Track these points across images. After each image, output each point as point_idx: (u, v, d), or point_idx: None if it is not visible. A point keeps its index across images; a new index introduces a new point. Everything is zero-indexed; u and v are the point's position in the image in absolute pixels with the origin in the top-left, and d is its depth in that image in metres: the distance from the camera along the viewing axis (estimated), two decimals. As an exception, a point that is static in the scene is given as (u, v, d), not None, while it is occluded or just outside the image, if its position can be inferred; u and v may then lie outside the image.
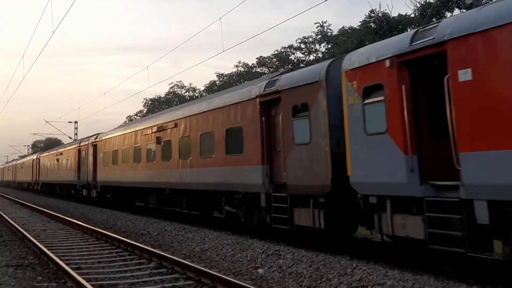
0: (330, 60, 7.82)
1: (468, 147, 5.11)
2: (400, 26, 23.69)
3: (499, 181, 4.76)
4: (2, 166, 72.31)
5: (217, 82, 41.44)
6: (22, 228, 11.60)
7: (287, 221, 7.99)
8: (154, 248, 8.12)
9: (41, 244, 8.76)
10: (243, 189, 9.33)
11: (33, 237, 9.85)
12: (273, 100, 8.61)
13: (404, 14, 24.85)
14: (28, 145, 72.63)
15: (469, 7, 8.93)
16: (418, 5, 24.62)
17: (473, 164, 5.04)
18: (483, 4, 6.07)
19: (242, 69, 39.55)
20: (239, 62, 40.23)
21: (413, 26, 22.72)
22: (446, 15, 21.85)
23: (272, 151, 8.67)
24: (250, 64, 39.14)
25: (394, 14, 25.58)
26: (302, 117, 7.80)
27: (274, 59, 37.40)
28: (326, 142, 7.22)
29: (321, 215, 7.25)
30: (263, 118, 8.77)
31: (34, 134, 50.30)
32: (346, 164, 6.75)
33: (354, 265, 6.20)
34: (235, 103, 9.79)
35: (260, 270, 6.59)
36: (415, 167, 5.75)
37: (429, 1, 23.76)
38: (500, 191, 4.74)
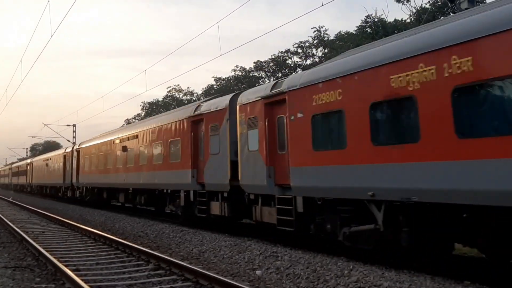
0: (232, 94, 10.68)
1: (293, 163, 7.94)
2: (396, 31, 23.94)
3: (305, 185, 7.69)
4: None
5: (215, 86, 41.54)
6: (20, 230, 11.60)
7: (205, 211, 11.01)
8: (152, 250, 8.16)
9: (40, 245, 8.78)
10: (181, 188, 12.16)
11: (31, 238, 9.87)
12: (199, 120, 11.54)
13: (400, 19, 25.16)
14: (27, 148, 72.35)
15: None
16: (414, 10, 24.94)
17: (295, 173, 7.91)
18: (477, 8, 6.21)
19: (240, 73, 39.68)
20: (237, 66, 40.32)
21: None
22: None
23: (199, 159, 11.50)
24: (247, 68, 39.29)
25: (390, 19, 25.92)
26: (215, 134, 10.71)
27: (271, 63, 37.56)
28: (227, 153, 10.08)
29: (226, 206, 10.23)
30: (192, 134, 11.71)
31: (32, 137, 50.11)
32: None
33: (351, 267, 6.26)
34: (175, 121, 12.74)
35: (258, 272, 6.65)
36: (271, 174, 8.62)
37: (424, 6, 24.07)
38: (307, 191, 7.69)
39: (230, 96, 10.56)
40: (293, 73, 11.24)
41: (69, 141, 36.25)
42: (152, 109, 46.67)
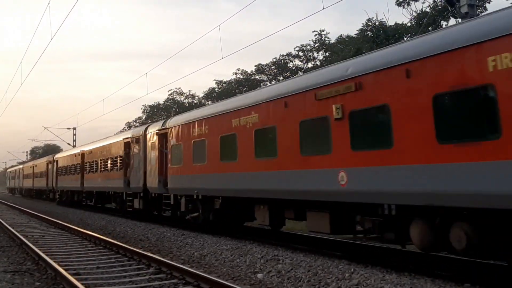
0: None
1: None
2: (396, 35, 24.02)
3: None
4: None
5: (216, 89, 41.62)
6: (20, 234, 11.55)
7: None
8: (153, 254, 8.13)
9: (39, 249, 8.73)
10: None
11: (31, 242, 9.82)
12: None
13: (400, 23, 25.26)
14: (27, 152, 72.39)
15: (464, 16, 9.14)
16: (415, 14, 25.04)
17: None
18: (478, 15, 6.29)
19: (241, 76, 39.78)
20: (238, 69, 40.47)
21: (409, 34, 23.05)
22: (442, 24, 22.19)
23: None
24: (249, 72, 39.39)
25: (390, 22, 26.00)
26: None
27: (272, 67, 37.68)
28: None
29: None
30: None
31: (32, 140, 50.11)
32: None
33: (352, 270, 6.25)
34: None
35: (259, 275, 6.62)
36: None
37: (425, 10, 24.16)
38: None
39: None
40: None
41: (69, 144, 36.27)
42: (153, 112, 46.67)
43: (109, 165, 18.12)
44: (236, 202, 9.96)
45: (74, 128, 36.86)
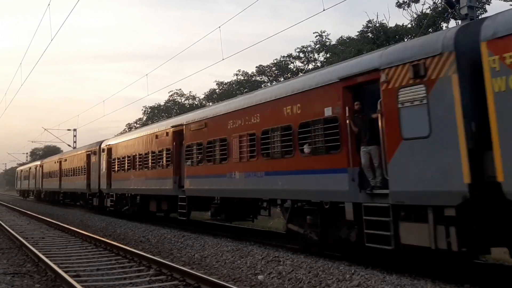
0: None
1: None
2: (397, 36, 24.03)
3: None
4: None
5: (217, 91, 41.61)
6: (20, 235, 11.53)
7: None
8: (153, 255, 8.10)
9: (39, 251, 8.72)
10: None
11: (31, 244, 9.80)
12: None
13: (401, 24, 25.26)
14: (27, 153, 72.34)
15: (464, 17, 9.15)
16: (415, 15, 25.05)
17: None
18: (478, 16, 6.44)
19: (242, 78, 39.79)
20: (239, 70, 40.48)
21: (410, 36, 23.07)
22: (442, 26, 22.19)
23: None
24: (249, 73, 39.40)
25: (391, 24, 26.00)
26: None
27: (273, 68, 37.69)
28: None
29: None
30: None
31: (32, 141, 50.01)
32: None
33: (353, 271, 6.23)
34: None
35: (260, 277, 6.59)
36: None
37: (425, 12, 24.17)
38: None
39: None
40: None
41: (69, 145, 36.24)
42: (154, 113, 46.64)
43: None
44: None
45: (75, 130, 36.87)
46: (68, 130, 37.24)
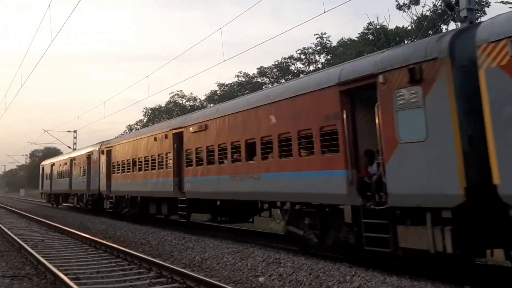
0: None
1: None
2: (397, 38, 24.04)
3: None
4: None
5: (218, 92, 41.61)
6: (19, 238, 11.48)
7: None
8: (153, 258, 8.07)
9: (39, 254, 8.66)
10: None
11: (30, 247, 9.75)
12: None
13: (401, 26, 25.29)
14: (26, 155, 72.28)
15: (463, 20, 9.15)
16: (415, 17, 25.08)
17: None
18: (477, 19, 6.50)
19: (243, 79, 39.80)
20: (240, 71, 40.46)
21: (410, 38, 23.07)
22: (442, 28, 22.20)
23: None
24: (251, 74, 39.41)
25: (391, 26, 26.02)
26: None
27: (274, 69, 37.70)
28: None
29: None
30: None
31: (32, 143, 49.75)
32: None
33: (353, 272, 6.21)
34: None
35: (261, 279, 6.56)
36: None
37: (425, 14, 24.19)
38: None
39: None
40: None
41: (69, 147, 36.15)
42: (155, 115, 46.62)
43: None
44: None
45: (75, 131, 36.84)
46: (68, 131, 37.20)
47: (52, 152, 72.68)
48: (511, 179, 4.73)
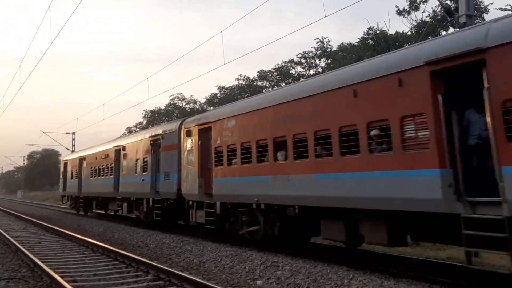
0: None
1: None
2: (397, 43, 24.14)
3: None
4: None
5: (218, 95, 41.65)
6: (15, 240, 11.40)
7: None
8: (151, 260, 8.02)
9: (35, 256, 8.59)
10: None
11: (26, 249, 9.68)
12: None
13: (401, 31, 25.42)
14: (24, 156, 72.03)
15: (462, 26, 9.20)
16: (415, 23, 25.23)
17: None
18: (476, 23, 6.32)
19: (243, 82, 39.87)
20: (240, 75, 40.56)
21: (409, 43, 23.16)
22: (441, 33, 22.33)
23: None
24: (251, 78, 39.49)
25: (391, 31, 26.14)
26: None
27: (275, 73, 37.79)
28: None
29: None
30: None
31: (30, 145, 49.43)
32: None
33: (351, 276, 6.20)
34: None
35: (259, 282, 6.52)
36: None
37: (424, 19, 24.34)
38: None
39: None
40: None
41: (68, 149, 36.02)
42: (154, 117, 46.59)
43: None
44: None
45: (73, 133, 36.78)
46: (67, 133, 37.13)
47: (50, 153, 72.43)
48: None
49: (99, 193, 18.96)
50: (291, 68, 36.70)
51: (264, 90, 35.72)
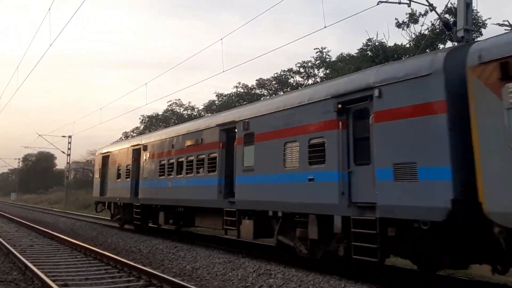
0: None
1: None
2: (395, 55, 24.43)
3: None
4: None
5: (216, 102, 41.77)
6: (7, 243, 11.26)
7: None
8: (144, 266, 7.97)
9: (27, 259, 8.52)
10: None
11: (18, 252, 9.58)
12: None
13: (400, 44, 25.76)
14: (19, 159, 71.52)
15: (460, 40, 9.35)
16: (413, 36, 25.58)
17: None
18: (474, 39, 6.52)
19: (242, 90, 40.05)
20: (239, 83, 40.78)
21: (408, 55, 23.43)
22: (439, 47, 22.65)
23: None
24: (249, 86, 39.69)
25: (390, 43, 26.47)
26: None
27: (273, 82, 38.01)
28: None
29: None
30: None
31: (25, 147, 49.18)
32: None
33: (343, 285, 6.19)
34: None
35: (251, 290, 6.47)
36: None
37: (423, 33, 24.69)
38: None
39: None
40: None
41: (63, 152, 35.88)
42: (152, 122, 46.58)
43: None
44: None
45: (70, 136, 36.66)
46: (63, 136, 36.98)
47: (46, 156, 71.97)
48: None
49: (185, 200, 11.69)
50: (290, 77, 36.95)
51: (262, 98, 35.91)
